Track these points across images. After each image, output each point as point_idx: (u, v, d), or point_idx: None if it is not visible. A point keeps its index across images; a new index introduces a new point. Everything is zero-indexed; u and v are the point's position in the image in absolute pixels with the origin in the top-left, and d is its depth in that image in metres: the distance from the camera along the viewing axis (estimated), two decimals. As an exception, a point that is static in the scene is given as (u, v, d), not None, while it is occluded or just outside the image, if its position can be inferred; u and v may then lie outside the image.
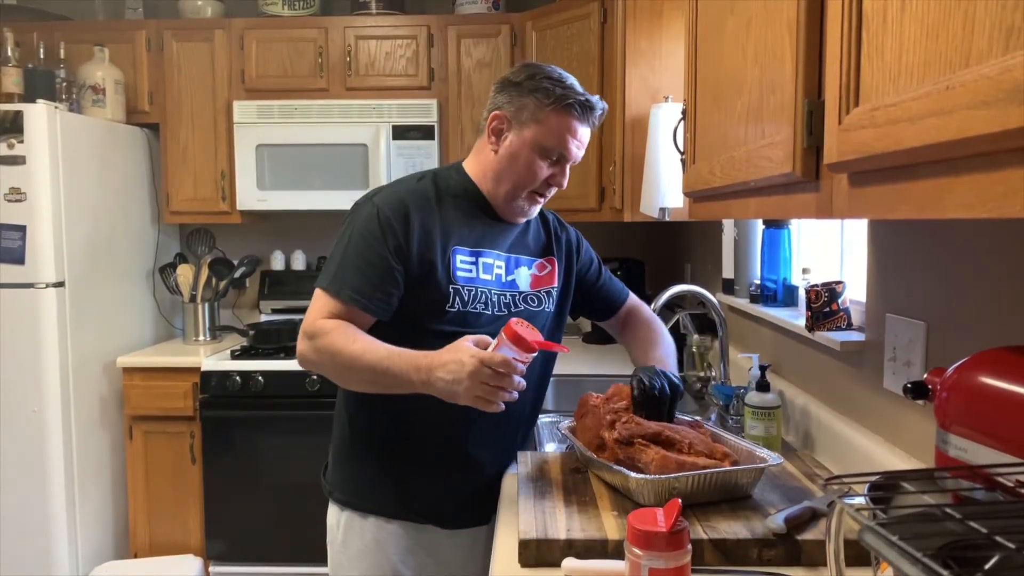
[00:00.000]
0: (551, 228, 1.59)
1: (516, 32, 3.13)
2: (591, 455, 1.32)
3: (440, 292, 1.38)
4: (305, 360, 1.36)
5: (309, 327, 1.34)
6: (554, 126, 1.38)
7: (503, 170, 1.42)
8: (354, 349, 1.29)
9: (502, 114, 1.42)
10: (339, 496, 1.49)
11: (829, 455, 1.55)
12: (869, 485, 0.76)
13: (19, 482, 2.70)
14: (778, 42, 0.89)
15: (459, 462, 1.45)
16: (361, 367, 1.28)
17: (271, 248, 3.54)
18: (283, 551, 2.87)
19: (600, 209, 2.80)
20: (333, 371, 1.34)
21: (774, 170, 0.88)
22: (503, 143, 1.42)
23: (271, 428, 2.87)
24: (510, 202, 1.44)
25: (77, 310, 2.81)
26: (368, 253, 1.36)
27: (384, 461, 1.45)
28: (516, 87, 1.41)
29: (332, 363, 1.32)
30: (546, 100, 1.37)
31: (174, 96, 3.21)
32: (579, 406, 1.45)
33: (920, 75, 0.58)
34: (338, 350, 1.29)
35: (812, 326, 1.62)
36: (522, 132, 1.40)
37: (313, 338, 1.33)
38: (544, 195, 1.45)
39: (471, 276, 1.42)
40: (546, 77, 1.39)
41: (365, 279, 1.35)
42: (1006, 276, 1.03)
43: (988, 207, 0.50)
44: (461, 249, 1.42)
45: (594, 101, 1.41)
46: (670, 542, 0.88)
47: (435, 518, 1.45)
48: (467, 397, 1.20)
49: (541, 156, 1.40)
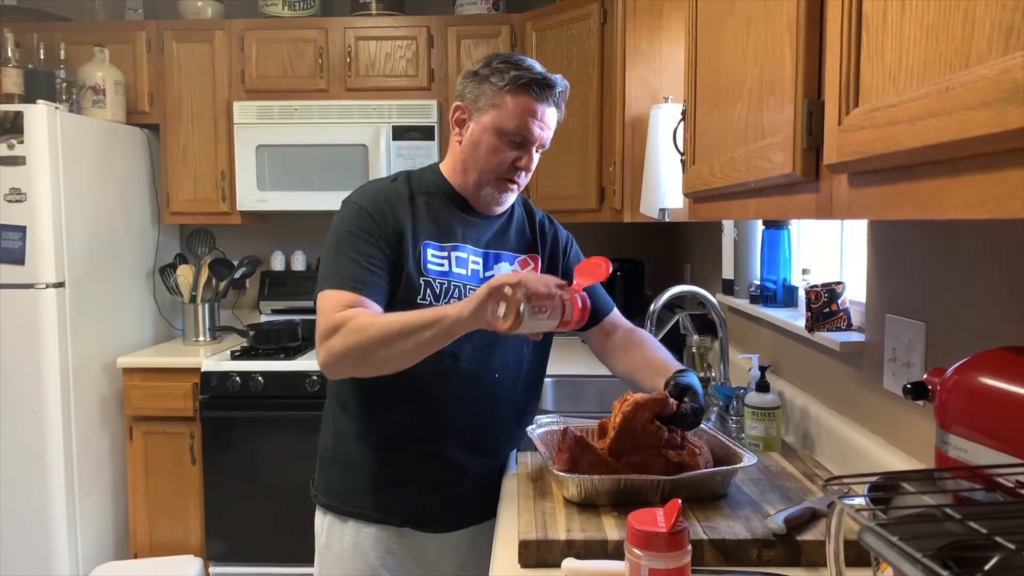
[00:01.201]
0: (537, 225, 1.57)
1: (516, 33, 3.13)
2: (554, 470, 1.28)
3: (411, 285, 1.38)
4: (334, 356, 1.29)
5: (328, 324, 1.30)
6: (512, 108, 1.38)
7: (468, 159, 1.43)
8: (382, 320, 1.28)
9: (463, 104, 1.44)
10: (322, 500, 1.50)
11: (829, 455, 1.55)
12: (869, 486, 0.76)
13: (19, 482, 2.70)
14: (778, 42, 0.89)
15: (439, 467, 1.44)
16: (392, 331, 1.25)
17: (271, 248, 3.54)
18: (283, 551, 2.86)
19: (600, 209, 2.80)
20: (365, 351, 1.27)
21: (774, 171, 0.88)
22: (466, 133, 1.43)
23: (271, 428, 2.87)
24: (479, 191, 1.44)
25: (77, 310, 2.81)
26: (359, 244, 1.36)
27: (363, 465, 1.45)
28: (474, 76, 1.42)
29: (363, 342, 1.26)
30: (501, 83, 1.38)
31: (174, 97, 3.21)
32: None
33: (920, 76, 0.58)
34: (367, 325, 1.27)
35: (812, 327, 1.62)
36: (481, 119, 1.41)
37: (336, 330, 1.29)
38: (513, 180, 1.44)
39: (443, 270, 1.42)
40: (503, 61, 1.40)
41: (363, 269, 1.35)
42: (1006, 276, 1.03)
43: (988, 207, 0.50)
44: (431, 243, 1.42)
45: (553, 79, 1.40)
46: (670, 543, 0.88)
47: (414, 522, 1.45)
48: (504, 299, 1.17)
49: (502, 140, 1.39)
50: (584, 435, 1.34)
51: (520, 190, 1.49)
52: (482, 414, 1.46)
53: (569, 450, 1.27)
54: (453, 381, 1.41)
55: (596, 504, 1.23)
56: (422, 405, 1.42)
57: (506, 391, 1.49)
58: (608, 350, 1.58)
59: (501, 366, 1.46)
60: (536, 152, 1.44)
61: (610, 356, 1.57)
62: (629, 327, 1.60)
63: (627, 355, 1.54)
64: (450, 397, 1.42)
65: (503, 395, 1.48)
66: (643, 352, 1.52)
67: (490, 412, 1.47)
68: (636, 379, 1.49)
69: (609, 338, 1.58)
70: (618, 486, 1.22)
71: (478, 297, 1.19)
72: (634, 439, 1.27)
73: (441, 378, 1.41)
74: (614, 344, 1.57)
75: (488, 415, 1.47)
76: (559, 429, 1.38)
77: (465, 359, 1.41)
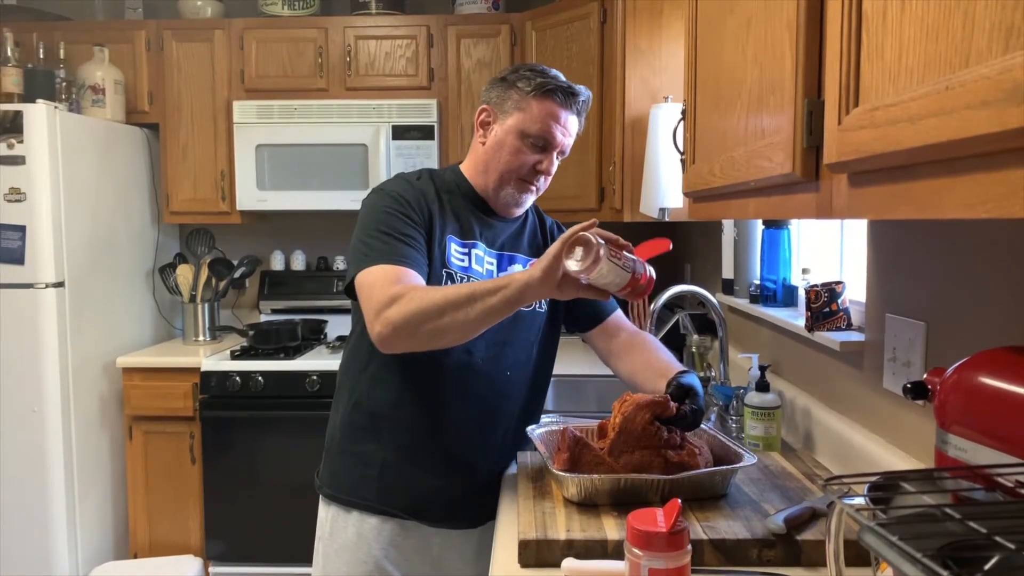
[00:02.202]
0: (547, 231, 1.61)
1: (516, 32, 3.13)
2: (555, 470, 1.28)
3: (434, 276, 1.39)
4: (393, 328, 1.23)
5: (382, 297, 1.25)
6: (536, 112, 1.41)
7: (490, 160, 1.46)
8: (443, 289, 1.25)
9: (488, 107, 1.48)
10: (326, 491, 1.51)
11: (829, 455, 1.55)
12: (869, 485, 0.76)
13: (19, 482, 2.70)
14: (778, 42, 0.89)
15: (442, 463, 1.45)
16: (459, 297, 1.22)
17: (271, 248, 3.54)
18: (283, 551, 2.86)
19: (600, 209, 2.80)
20: (428, 318, 1.22)
21: (774, 170, 0.88)
22: (490, 135, 1.47)
23: (271, 428, 2.87)
24: (499, 192, 1.46)
25: (77, 310, 2.81)
26: (399, 224, 1.36)
27: (368, 457, 1.46)
28: (501, 81, 1.47)
29: (426, 308, 1.22)
30: (527, 88, 1.42)
31: (174, 96, 3.21)
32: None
33: (920, 75, 0.58)
34: (429, 291, 1.25)
35: (812, 326, 1.62)
36: (506, 121, 1.44)
37: (394, 301, 1.23)
38: (533, 183, 1.46)
39: (465, 265, 1.44)
40: (529, 69, 1.46)
41: (407, 246, 1.34)
42: (1006, 276, 1.03)
43: (988, 207, 0.50)
44: (454, 239, 1.44)
45: (577, 88, 1.45)
46: (670, 542, 0.88)
47: (420, 515, 1.46)
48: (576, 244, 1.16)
49: (525, 143, 1.42)
50: (584, 435, 1.34)
51: (539, 194, 1.51)
52: (492, 411, 1.47)
53: (569, 450, 1.27)
54: (466, 377, 1.42)
55: (596, 504, 1.23)
56: (433, 400, 1.43)
57: (516, 389, 1.50)
58: (612, 352, 1.58)
59: (512, 364, 1.47)
60: (557, 158, 1.47)
61: (614, 358, 1.58)
62: (633, 330, 1.61)
63: (630, 358, 1.54)
64: (462, 393, 1.43)
65: (513, 393, 1.49)
66: (646, 355, 1.52)
67: (499, 409, 1.48)
68: (638, 381, 1.48)
69: (612, 340, 1.58)
70: (618, 486, 1.22)
71: (550, 253, 1.17)
72: (633, 439, 1.27)
73: (454, 374, 1.42)
74: (618, 346, 1.57)
75: (498, 412, 1.48)
76: (559, 429, 1.38)
77: (479, 356, 1.42)
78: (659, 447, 1.26)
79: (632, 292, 1.22)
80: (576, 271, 1.15)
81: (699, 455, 1.29)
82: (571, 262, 1.16)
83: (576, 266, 1.15)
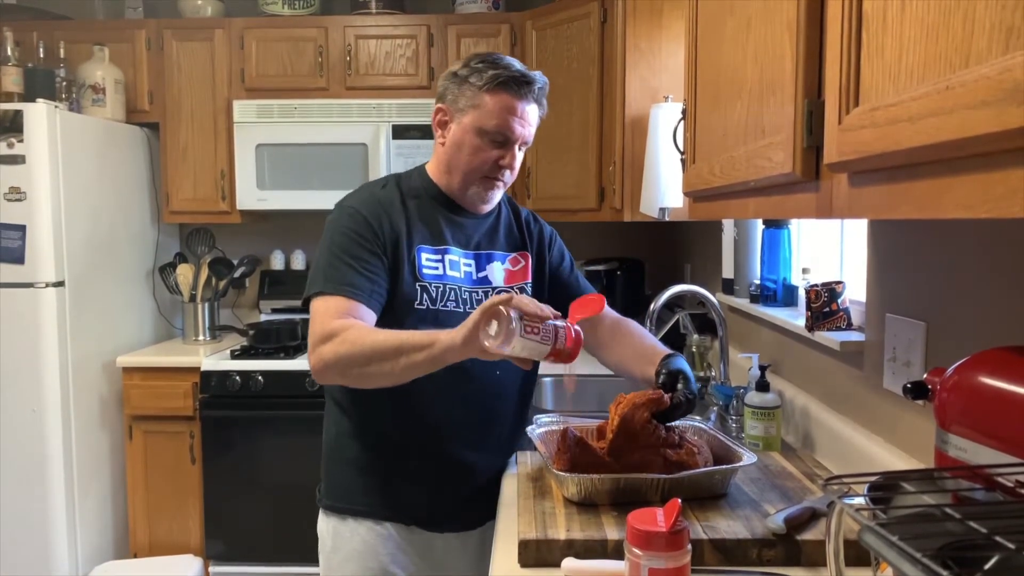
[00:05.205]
0: (523, 223, 1.58)
1: (516, 31, 3.13)
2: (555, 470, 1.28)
3: (408, 290, 1.38)
4: (324, 365, 1.28)
5: (321, 332, 1.28)
6: (491, 107, 1.38)
7: (451, 160, 1.44)
8: (376, 336, 1.27)
9: (443, 106, 1.44)
10: (327, 502, 1.50)
11: (829, 455, 1.55)
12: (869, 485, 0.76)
13: (19, 482, 2.70)
14: (778, 42, 0.89)
15: (442, 465, 1.45)
16: (386, 348, 1.23)
17: (271, 248, 3.54)
18: (283, 551, 2.86)
19: (600, 209, 2.79)
20: (355, 363, 1.26)
21: (774, 170, 0.88)
22: (448, 134, 1.44)
23: (271, 428, 2.86)
24: (465, 191, 1.45)
25: (77, 310, 2.80)
26: (354, 248, 1.36)
27: (369, 465, 1.45)
28: (454, 77, 1.42)
29: (355, 355, 1.25)
30: (479, 82, 1.38)
31: (174, 96, 3.21)
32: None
33: (920, 75, 0.58)
34: (361, 338, 1.26)
35: (812, 326, 1.62)
36: (462, 120, 1.41)
37: (329, 339, 1.27)
38: (498, 178, 1.44)
39: (438, 273, 1.42)
40: (480, 61, 1.40)
41: (359, 274, 1.34)
42: (1006, 276, 1.03)
43: (988, 207, 0.50)
44: (425, 247, 1.42)
45: (531, 75, 1.40)
46: (670, 542, 0.88)
47: (422, 520, 1.46)
48: (496, 316, 1.14)
49: (484, 139, 1.40)
50: (583, 435, 1.34)
51: (506, 188, 1.49)
52: (486, 411, 1.47)
53: (568, 450, 1.27)
54: (457, 380, 1.41)
55: (596, 503, 1.23)
56: (428, 405, 1.42)
57: (507, 388, 1.49)
58: (597, 343, 1.58)
59: (500, 363, 1.46)
60: (519, 150, 1.44)
61: (600, 348, 1.58)
62: (616, 317, 1.60)
63: (616, 346, 1.55)
64: (453, 394, 1.42)
65: (504, 392, 1.49)
66: (631, 340, 1.53)
67: (493, 409, 1.48)
68: (626, 369, 1.50)
69: (597, 329, 1.58)
70: (618, 485, 1.22)
71: (470, 322, 1.17)
72: (633, 439, 1.27)
73: (445, 377, 1.40)
74: (603, 335, 1.57)
75: (492, 412, 1.48)
76: (559, 429, 1.38)
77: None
78: (658, 446, 1.27)
79: (556, 360, 1.21)
80: (488, 346, 1.14)
81: (698, 454, 1.29)
82: (485, 335, 1.15)
83: (489, 341, 1.14)
